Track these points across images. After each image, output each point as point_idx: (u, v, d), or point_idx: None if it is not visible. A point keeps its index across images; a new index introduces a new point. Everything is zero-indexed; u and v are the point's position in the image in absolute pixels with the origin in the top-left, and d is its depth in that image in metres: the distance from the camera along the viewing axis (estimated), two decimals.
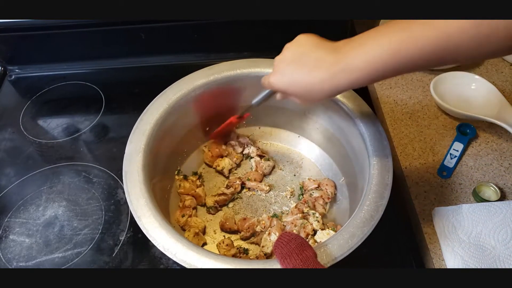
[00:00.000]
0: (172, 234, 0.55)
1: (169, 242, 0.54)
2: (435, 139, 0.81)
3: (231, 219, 0.72)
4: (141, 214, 0.57)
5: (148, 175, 0.63)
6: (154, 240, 0.54)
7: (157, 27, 0.94)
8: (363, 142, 0.65)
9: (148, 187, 0.60)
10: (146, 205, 0.58)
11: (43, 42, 0.97)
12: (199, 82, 0.73)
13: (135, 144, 0.65)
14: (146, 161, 0.64)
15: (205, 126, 0.80)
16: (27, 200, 0.78)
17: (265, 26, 0.95)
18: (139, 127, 0.67)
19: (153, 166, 0.66)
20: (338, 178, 0.77)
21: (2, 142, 0.89)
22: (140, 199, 0.58)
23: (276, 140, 0.86)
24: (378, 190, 0.58)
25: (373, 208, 0.57)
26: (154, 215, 0.57)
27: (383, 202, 0.57)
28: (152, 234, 0.55)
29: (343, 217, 0.72)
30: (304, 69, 0.51)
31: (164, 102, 0.70)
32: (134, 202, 0.58)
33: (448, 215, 0.67)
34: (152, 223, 0.56)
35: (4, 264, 0.70)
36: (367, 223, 0.55)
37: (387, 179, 0.60)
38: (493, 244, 0.63)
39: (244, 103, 0.75)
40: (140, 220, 0.56)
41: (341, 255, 0.52)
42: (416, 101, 0.88)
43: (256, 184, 0.78)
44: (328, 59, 0.49)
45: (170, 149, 0.74)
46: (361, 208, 0.57)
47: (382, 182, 0.59)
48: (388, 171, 0.61)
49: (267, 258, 0.67)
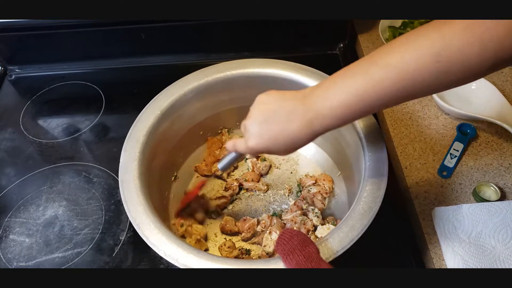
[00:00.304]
0: (172, 240, 0.55)
1: (170, 248, 0.54)
2: (435, 139, 0.81)
3: (231, 221, 0.72)
4: (140, 221, 0.57)
5: (145, 182, 0.62)
6: (155, 247, 0.54)
7: (157, 27, 0.94)
8: (357, 135, 0.65)
9: (145, 194, 0.60)
10: (144, 213, 0.58)
11: (43, 42, 0.97)
12: (191, 86, 0.72)
13: (129, 152, 0.64)
14: (142, 169, 0.63)
15: (199, 130, 0.80)
16: (27, 200, 0.78)
17: (265, 26, 0.95)
18: (132, 135, 0.66)
19: (149, 173, 0.65)
20: (334, 172, 0.77)
21: (2, 142, 0.89)
22: (138, 206, 0.58)
23: None
24: (375, 182, 0.58)
25: (370, 199, 0.57)
26: (153, 222, 0.57)
27: (380, 193, 0.57)
28: (153, 241, 0.55)
29: (342, 211, 0.72)
30: (280, 125, 0.51)
31: (156, 109, 0.69)
32: (132, 209, 0.58)
33: (448, 215, 0.67)
34: (152, 230, 0.56)
35: (4, 264, 0.70)
36: (365, 215, 0.55)
37: (383, 170, 0.60)
38: (493, 244, 0.63)
39: (236, 105, 0.75)
40: (140, 227, 0.56)
41: (342, 248, 0.52)
42: (416, 101, 0.88)
43: (253, 184, 0.78)
44: (299, 110, 0.50)
45: (165, 155, 0.73)
46: (359, 200, 0.57)
47: (378, 173, 0.59)
48: (384, 162, 0.60)
49: (269, 257, 0.67)
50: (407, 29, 0.98)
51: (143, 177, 0.63)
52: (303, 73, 0.72)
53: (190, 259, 0.53)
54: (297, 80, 0.72)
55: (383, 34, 0.98)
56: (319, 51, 1.00)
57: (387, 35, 1.00)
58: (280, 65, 0.74)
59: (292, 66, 0.73)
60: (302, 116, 0.50)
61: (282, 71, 0.73)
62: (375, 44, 1.00)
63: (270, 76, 0.74)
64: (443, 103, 0.82)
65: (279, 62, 0.74)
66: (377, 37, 1.00)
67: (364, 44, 1.01)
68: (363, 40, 1.02)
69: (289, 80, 0.73)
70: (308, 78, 0.71)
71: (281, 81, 0.73)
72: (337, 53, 1.01)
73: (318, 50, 1.00)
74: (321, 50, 1.01)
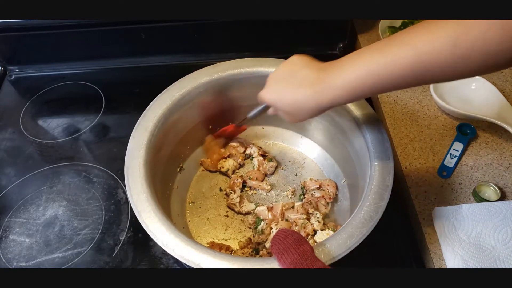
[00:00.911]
0: (171, 230, 0.55)
1: (169, 238, 0.54)
2: (435, 139, 0.81)
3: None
4: (141, 209, 0.57)
5: (150, 171, 0.63)
6: (153, 235, 0.55)
7: (157, 27, 0.94)
8: (365, 143, 0.65)
9: (149, 183, 0.61)
10: (146, 200, 0.58)
11: (43, 42, 0.97)
12: (203, 80, 0.73)
13: (137, 139, 0.65)
14: (148, 157, 0.64)
15: (208, 124, 0.80)
16: (27, 200, 0.79)
17: (265, 26, 0.95)
18: (141, 123, 0.67)
19: (155, 162, 0.66)
20: (339, 179, 0.77)
21: (2, 142, 0.89)
22: (140, 194, 0.59)
23: (279, 139, 0.86)
24: (378, 192, 0.58)
25: (372, 209, 0.57)
26: (154, 210, 0.57)
27: (383, 204, 0.57)
28: (152, 229, 0.55)
29: (343, 218, 0.72)
30: (291, 86, 0.55)
31: (167, 99, 0.70)
32: (135, 197, 0.58)
33: (448, 215, 0.67)
34: (152, 218, 0.56)
35: (4, 264, 0.70)
36: (366, 224, 0.55)
37: (387, 181, 0.60)
38: (493, 244, 0.63)
39: (247, 103, 0.75)
40: (140, 215, 0.57)
41: (339, 254, 0.52)
42: (416, 101, 0.88)
43: (257, 183, 0.78)
44: (312, 77, 0.52)
45: (172, 146, 0.74)
46: (360, 209, 0.57)
47: (382, 184, 0.59)
48: (389, 173, 0.61)
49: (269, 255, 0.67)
50: None
51: (149, 166, 0.63)
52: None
53: (187, 250, 0.53)
54: None
55: (383, 34, 0.98)
56: (319, 51, 1.00)
57: (387, 35, 1.00)
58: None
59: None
60: (312, 83, 0.52)
61: None
62: None
63: None
64: (443, 103, 0.82)
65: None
66: (377, 37, 1.00)
67: (364, 44, 1.01)
68: (363, 40, 1.02)
69: None
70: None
71: None
72: (337, 53, 1.01)
73: (318, 50, 1.00)
74: (321, 50, 1.01)
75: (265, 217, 0.72)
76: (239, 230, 0.73)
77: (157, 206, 0.58)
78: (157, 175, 0.66)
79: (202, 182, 0.80)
